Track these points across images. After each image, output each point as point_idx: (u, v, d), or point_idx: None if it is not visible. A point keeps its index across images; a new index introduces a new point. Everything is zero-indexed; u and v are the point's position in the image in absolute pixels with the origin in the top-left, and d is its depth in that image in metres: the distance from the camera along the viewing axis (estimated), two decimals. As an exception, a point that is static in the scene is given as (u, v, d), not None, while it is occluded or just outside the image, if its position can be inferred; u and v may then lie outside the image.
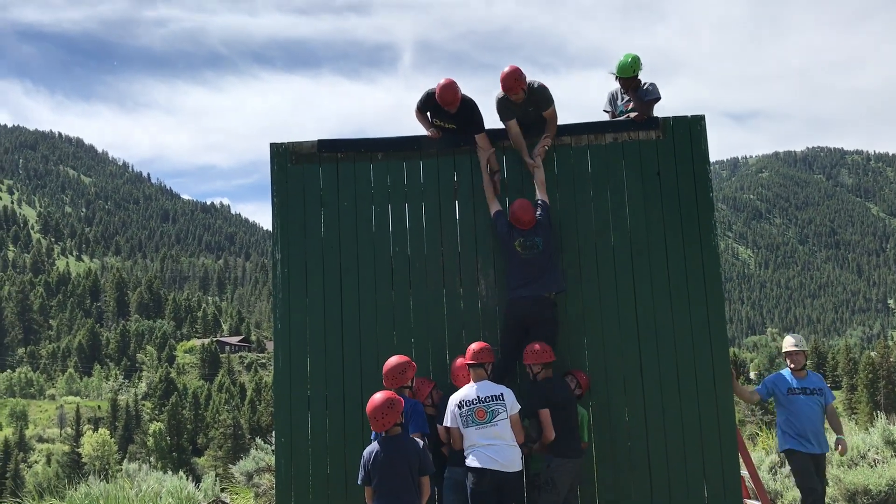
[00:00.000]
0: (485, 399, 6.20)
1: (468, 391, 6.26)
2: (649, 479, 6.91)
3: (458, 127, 7.32)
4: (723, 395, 7.02)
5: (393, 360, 6.42)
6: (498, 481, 6.06)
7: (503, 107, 7.21)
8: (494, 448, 6.11)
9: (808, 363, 7.69)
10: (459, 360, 6.69)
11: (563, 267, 7.09)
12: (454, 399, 6.28)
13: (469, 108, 7.22)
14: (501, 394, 6.24)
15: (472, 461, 6.13)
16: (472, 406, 6.19)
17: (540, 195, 7.10)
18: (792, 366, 7.59)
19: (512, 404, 6.25)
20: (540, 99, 7.18)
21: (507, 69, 7.10)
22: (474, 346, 6.41)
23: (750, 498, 7.94)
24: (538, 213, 6.97)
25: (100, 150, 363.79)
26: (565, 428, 6.41)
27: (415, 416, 6.22)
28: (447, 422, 6.30)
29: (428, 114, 7.43)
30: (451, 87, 7.07)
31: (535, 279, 6.84)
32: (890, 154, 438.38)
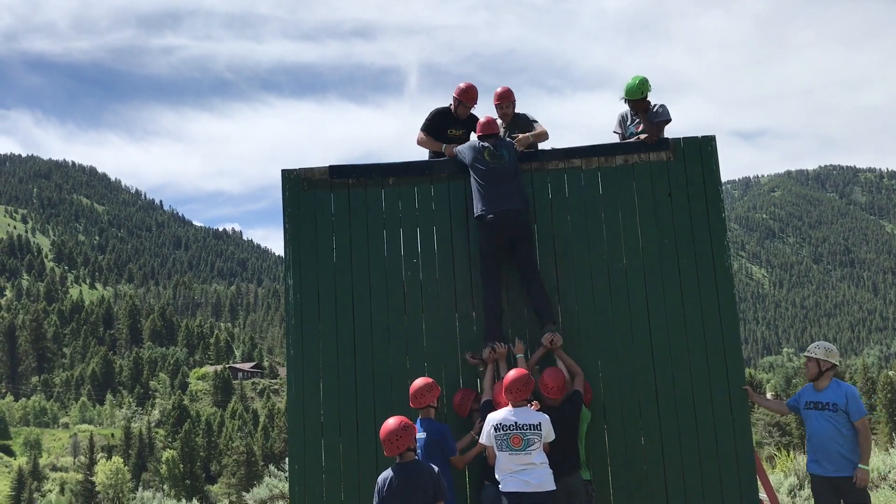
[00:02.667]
0: (522, 426, 6.17)
1: (507, 415, 6.22)
2: (666, 503, 6.83)
3: (466, 134, 7.80)
4: (739, 416, 6.95)
5: (419, 381, 6.55)
6: (533, 501, 6.07)
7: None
8: (527, 472, 6.11)
9: (829, 373, 6.81)
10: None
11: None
12: (492, 419, 6.26)
13: (474, 118, 7.79)
14: (539, 423, 6.19)
15: (505, 486, 6.13)
16: (509, 432, 6.17)
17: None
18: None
19: (547, 433, 6.22)
20: (527, 121, 7.65)
21: (501, 88, 7.73)
22: (514, 376, 6.30)
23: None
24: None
25: (113, 178, 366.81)
26: (556, 443, 6.36)
27: (447, 442, 6.36)
28: (483, 439, 6.32)
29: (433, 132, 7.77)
30: (474, 86, 7.73)
31: (511, 191, 7.01)
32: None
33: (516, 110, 7.74)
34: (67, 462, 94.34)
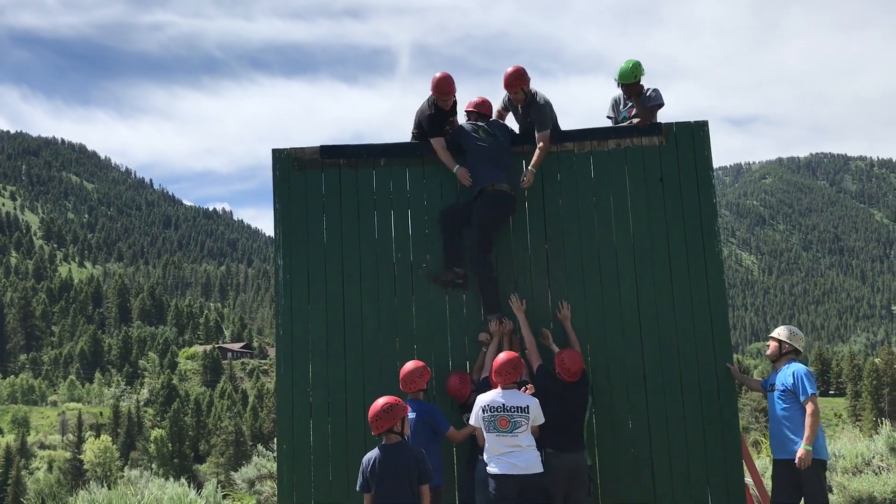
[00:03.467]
0: (510, 409, 6.19)
1: (495, 397, 6.24)
2: (653, 487, 6.88)
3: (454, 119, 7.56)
4: (727, 401, 6.99)
5: (408, 364, 6.54)
6: (520, 485, 6.11)
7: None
8: (514, 454, 6.13)
9: (789, 356, 6.76)
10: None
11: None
12: (481, 401, 6.28)
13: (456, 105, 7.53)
14: (528, 406, 6.21)
15: (493, 468, 6.15)
16: (497, 413, 6.18)
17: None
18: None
19: (535, 416, 6.24)
20: (539, 115, 7.22)
21: (511, 67, 7.27)
22: (503, 357, 6.34)
23: (754, 505, 7.89)
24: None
25: (102, 156, 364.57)
26: (558, 420, 6.39)
27: (437, 419, 6.38)
28: (472, 420, 6.35)
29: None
30: (448, 77, 7.29)
31: (506, 173, 7.06)
32: (894, 160, 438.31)
33: (532, 88, 7.33)
34: (55, 440, 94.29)
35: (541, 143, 7.12)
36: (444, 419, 6.47)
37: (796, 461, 6.37)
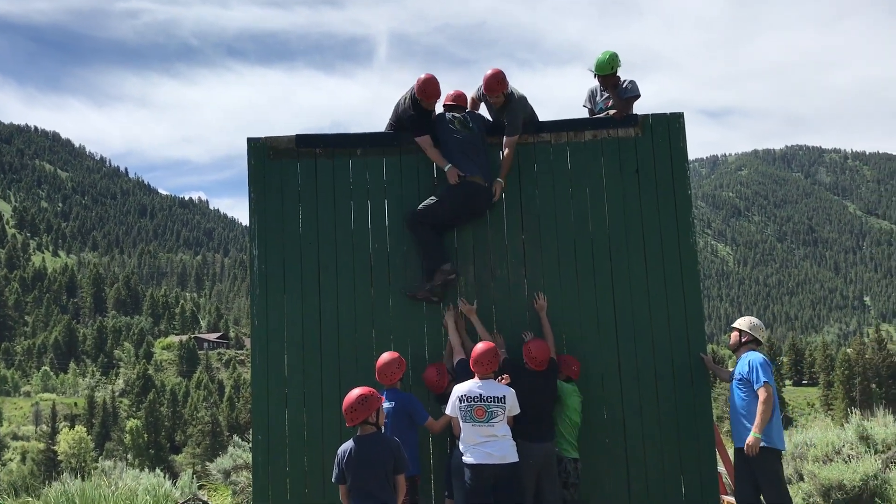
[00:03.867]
0: (487, 398, 6.22)
1: (472, 387, 6.26)
2: (627, 475, 6.94)
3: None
4: (700, 391, 7.05)
5: (385, 356, 6.52)
6: (495, 475, 6.14)
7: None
8: (489, 444, 6.16)
9: (748, 346, 6.83)
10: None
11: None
12: (458, 391, 6.30)
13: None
14: (504, 396, 6.25)
15: (468, 458, 6.18)
16: (473, 403, 6.21)
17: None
18: None
19: (511, 406, 6.28)
20: (511, 118, 7.16)
21: (491, 70, 7.17)
22: (482, 350, 6.35)
23: (727, 494, 7.99)
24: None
25: (77, 144, 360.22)
26: (527, 410, 6.42)
27: (416, 409, 6.39)
28: (448, 410, 6.37)
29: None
30: (433, 79, 7.12)
31: (481, 164, 7.04)
32: (867, 153, 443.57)
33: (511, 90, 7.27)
34: (29, 431, 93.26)
35: (506, 150, 7.13)
36: (423, 409, 6.48)
37: (745, 448, 6.48)
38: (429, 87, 7.08)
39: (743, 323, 6.98)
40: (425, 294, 7.08)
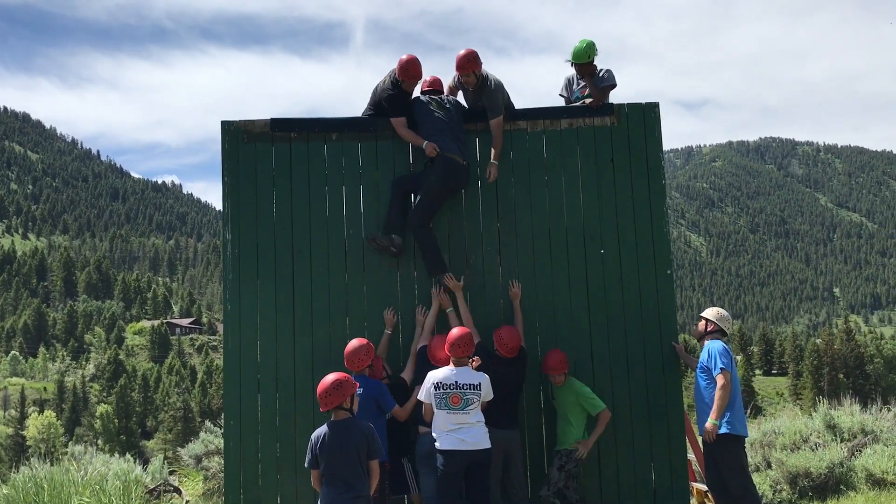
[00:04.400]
0: (462, 386, 6.24)
1: (447, 374, 6.27)
2: (598, 463, 6.98)
3: None
4: (671, 379, 7.11)
5: (353, 343, 6.51)
6: (468, 461, 6.17)
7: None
8: (463, 430, 6.18)
9: (713, 335, 6.90)
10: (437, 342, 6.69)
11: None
12: (432, 377, 6.30)
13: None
14: (479, 383, 6.28)
15: (441, 444, 6.19)
16: (449, 391, 6.22)
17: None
18: None
19: (486, 393, 6.31)
20: (490, 101, 7.16)
21: (464, 50, 7.18)
22: (458, 335, 6.35)
23: (696, 481, 8.08)
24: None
25: (47, 125, 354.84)
26: (496, 398, 6.44)
27: (384, 396, 6.40)
28: (422, 396, 6.35)
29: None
30: (415, 60, 7.13)
31: (460, 145, 7.05)
32: (839, 146, 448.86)
33: (484, 70, 7.26)
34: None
35: (496, 132, 7.14)
36: (391, 396, 6.48)
37: (703, 434, 6.62)
38: (411, 68, 7.09)
39: (710, 313, 7.04)
40: (384, 244, 7.07)
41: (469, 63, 7.12)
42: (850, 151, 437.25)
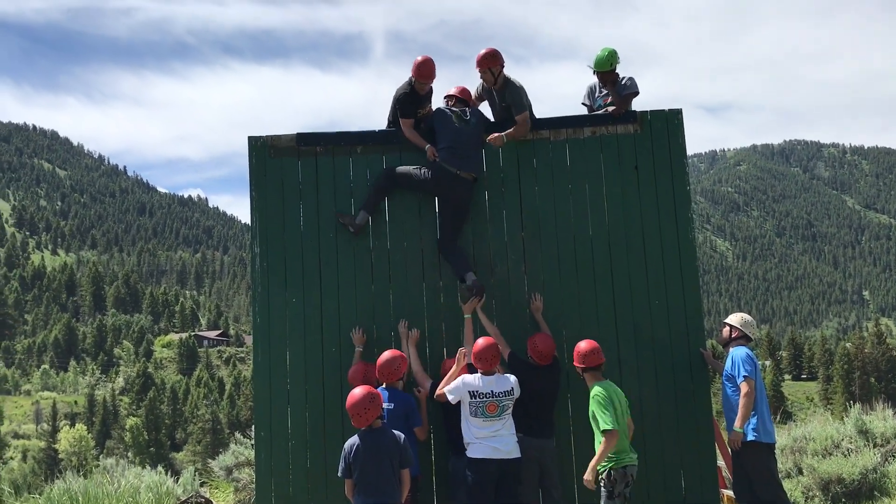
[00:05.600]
0: (499, 394, 6.26)
1: (484, 383, 6.26)
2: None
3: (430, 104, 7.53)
4: (699, 386, 7.09)
5: (386, 354, 6.52)
6: (500, 470, 6.17)
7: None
8: (496, 438, 6.19)
9: (738, 342, 6.86)
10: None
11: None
12: (470, 384, 6.26)
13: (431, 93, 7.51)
14: (511, 388, 6.32)
15: (474, 452, 6.19)
16: (485, 399, 6.23)
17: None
18: None
19: (517, 392, 6.36)
20: (514, 98, 7.26)
21: (485, 49, 7.28)
22: (484, 345, 6.37)
23: (726, 488, 8.03)
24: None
25: (75, 142, 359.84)
26: (529, 405, 6.46)
27: (413, 412, 6.39)
28: (452, 396, 6.25)
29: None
30: (430, 60, 7.27)
31: (474, 159, 7.11)
32: (865, 147, 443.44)
33: (507, 73, 7.35)
34: (30, 429, 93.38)
35: (520, 126, 7.21)
36: (419, 413, 6.49)
37: (728, 442, 6.58)
38: (424, 69, 7.23)
39: (735, 319, 7.00)
40: (345, 220, 7.20)
41: (485, 61, 7.23)
42: (878, 152, 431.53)
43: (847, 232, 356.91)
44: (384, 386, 6.45)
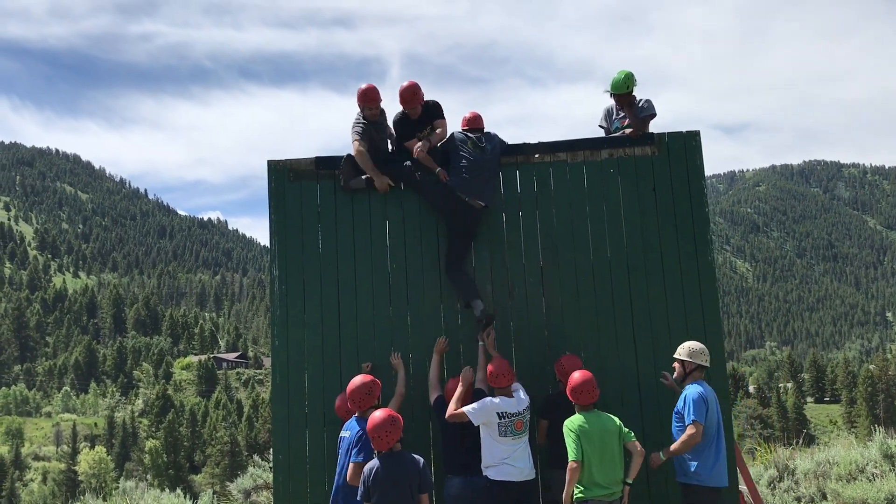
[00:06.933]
0: (521, 412, 6.35)
1: (508, 404, 6.32)
2: (648, 496, 6.89)
3: (432, 128, 7.50)
4: (721, 409, 7.00)
5: (357, 379, 6.30)
6: (520, 490, 6.20)
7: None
8: (516, 458, 6.23)
9: (696, 374, 6.51)
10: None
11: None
12: (497, 405, 6.28)
13: (434, 107, 7.51)
14: (528, 400, 6.46)
15: (496, 474, 6.21)
16: (513, 418, 6.29)
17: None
18: None
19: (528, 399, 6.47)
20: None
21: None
22: (497, 364, 6.42)
23: (749, 513, 7.93)
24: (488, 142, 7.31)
25: (97, 166, 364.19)
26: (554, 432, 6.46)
27: (364, 444, 6.05)
28: (477, 418, 6.21)
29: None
30: (411, 86, 7.33)
31: (487, 187, 7.13)
32: (886, 167, 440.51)
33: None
34: (50, 451, 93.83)
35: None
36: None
37: (650, 461, 6.45)
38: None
39: (683, 352, 6.56)
40: (346, 184, 7.35)
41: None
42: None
43: (869, 252, 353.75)
44: (357, 415, 6.26)
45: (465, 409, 6.29)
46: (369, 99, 7.33)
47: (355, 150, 7.27)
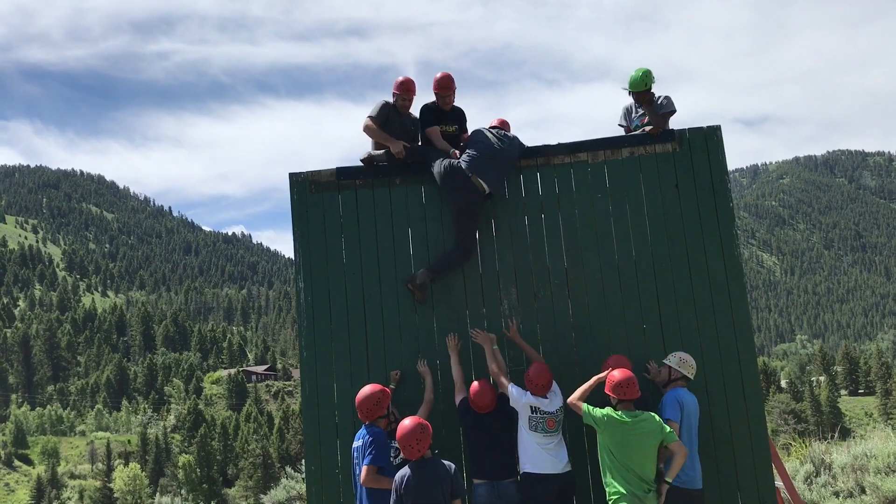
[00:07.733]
0: (556, 411, 6.42)
1: (543, 403, 6.39)
2: (683, 493, 6.83)
3: (459, 129, 7.68)
4: (753, 405, 6.95)
5: (366, 389, 6.33)
6: (560, 484, 6.25)
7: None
8: (554, 452, 6.30)
9: (677, 383, 6.62)
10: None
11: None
12: (531, 400, 6.37)
13: (462, 113, 7.77)
14: (562, 404, 6.48)
15: (534, 468, 6.25)
16: (545, 416, 6.36)
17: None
18: None
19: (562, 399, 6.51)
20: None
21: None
22: (536, 372, 6.46)
23: (786, 509, 7.84)
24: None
25: (121, 185, 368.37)
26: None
27: (374, 447, 6.06)
28: (514, 396, 6.39)
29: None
30: (448, 75, 7.54)
31: (498, 177, 7.14)
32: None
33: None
34: (85, 469, 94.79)
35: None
36: (384, 455, 6.12)
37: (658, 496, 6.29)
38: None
39: (673, 360, 6.69)
40: (368, 155, 7.52)
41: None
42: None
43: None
44: (365, 424, 6.26)
45: (511, 387, 6.44)
46: (407, 89, 7.53)
47: (365, 125, 7.45)
